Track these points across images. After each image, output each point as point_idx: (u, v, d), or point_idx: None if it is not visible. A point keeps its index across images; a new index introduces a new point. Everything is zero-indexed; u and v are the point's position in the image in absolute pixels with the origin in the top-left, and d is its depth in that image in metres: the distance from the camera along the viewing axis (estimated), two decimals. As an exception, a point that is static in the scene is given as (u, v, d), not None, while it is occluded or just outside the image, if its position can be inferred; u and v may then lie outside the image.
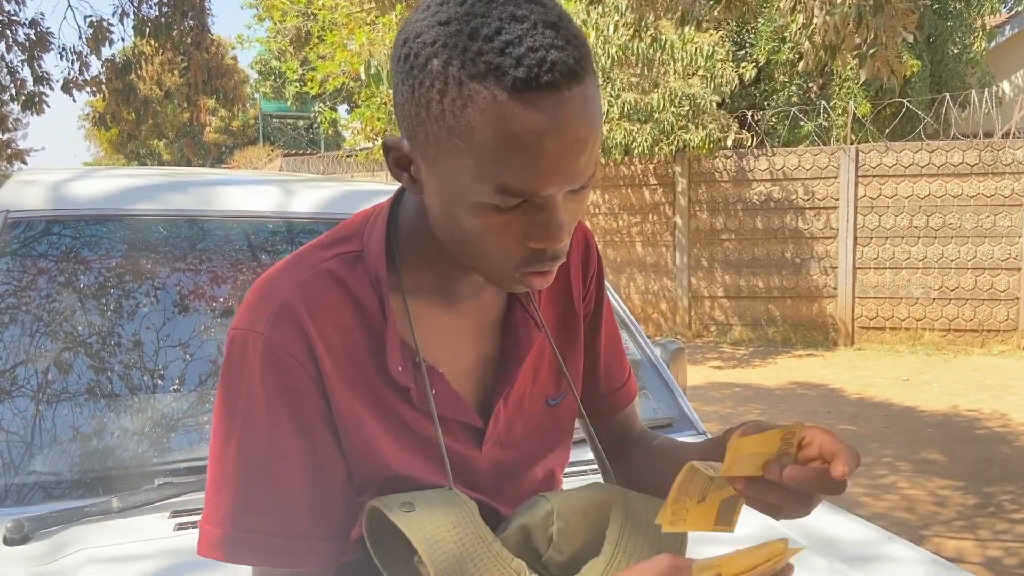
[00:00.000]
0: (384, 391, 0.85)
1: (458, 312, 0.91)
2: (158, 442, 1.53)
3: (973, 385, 7.43)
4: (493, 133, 0.69)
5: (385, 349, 0.84)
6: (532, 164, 0.71)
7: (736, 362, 8.84)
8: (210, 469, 0.83)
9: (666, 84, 9.47)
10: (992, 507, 4.47)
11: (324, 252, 0.87)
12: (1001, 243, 8.84)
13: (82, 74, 8.02)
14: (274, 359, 0.80)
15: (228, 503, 0.81)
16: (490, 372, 0.93)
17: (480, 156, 0.71)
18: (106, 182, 1.93)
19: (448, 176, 0.75)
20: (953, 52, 11.39)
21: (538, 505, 0.86)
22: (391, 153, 0.81)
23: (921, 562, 1.47)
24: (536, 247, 0.77)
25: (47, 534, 1.31)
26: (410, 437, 0.87)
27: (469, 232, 0.77)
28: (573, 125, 0.70)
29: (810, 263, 9.60)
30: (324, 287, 0.83)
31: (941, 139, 9.11)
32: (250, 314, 0.82)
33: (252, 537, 0.81)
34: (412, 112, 0.75)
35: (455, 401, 0.88)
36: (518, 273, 0.80)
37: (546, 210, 0.75)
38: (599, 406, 1.08)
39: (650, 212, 10.40)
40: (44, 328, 1.60)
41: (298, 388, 0.80)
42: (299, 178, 2.37)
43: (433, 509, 0.80)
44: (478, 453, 0.91)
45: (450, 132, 0.71)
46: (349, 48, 12.27)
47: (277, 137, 27.74)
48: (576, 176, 0.74)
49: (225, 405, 0.82)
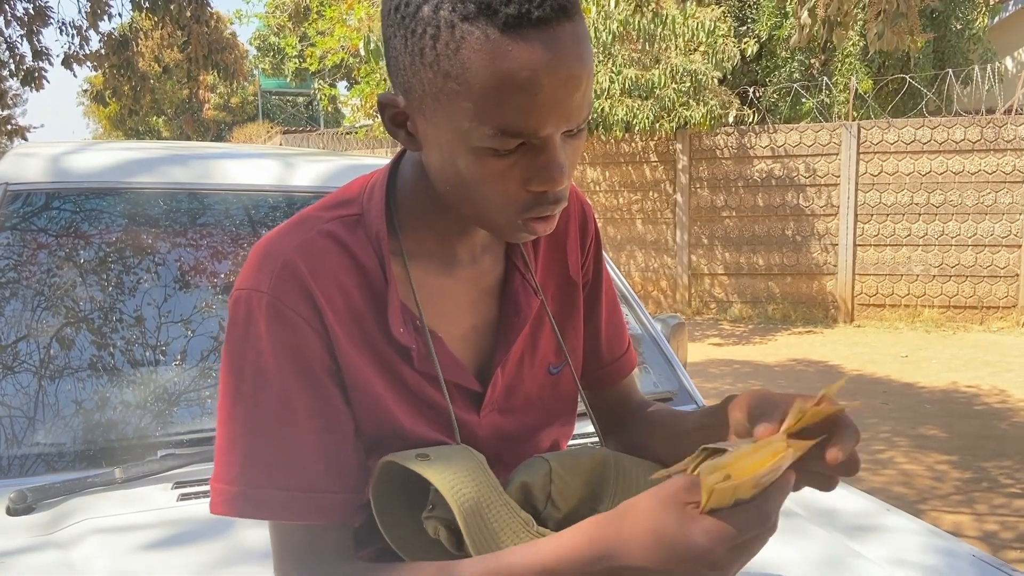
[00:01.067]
0: (386, 351, 0.86)
1: (456, 278, 0.92)
2: (161, 414, 1.54)
3: (972, 362, 7.45)
4: (488, 72, 0.70)
5: (386, 310, 0.84)
6: (529, 102, 0.71)
7: (736, 339, 8.86)
8: (220, 430, 0.83)
9: (667, 60, 9.41)
10: (989, 482, 4.50)
11: (324, 214, 0.87)
12: (1002, 220, 8.83)
13: (82, 48, 7.97)
14: (279, 316, 0.80)
15: (240, 460, 0.81)
16: (488, 339, 0.94)
17: (477, 98, 0.71)
18: (106, 155, 1.93)
19: (447, 124, 0.75)
20: (956, 28, 11.32)
21: (537, 464, 0.87)
22: (387, 110, 0.81)
23: (919, 533, 1.48)
24: (537, 190, 0.78)
25: (50, 504, 1.32)
26: (412, 398, 0.87)
27: (470, 180, 0.77)
28: (566, 61, 0.71)
29: (810, 240, 9.59)
30: (325, 247, 0.84)
31: (943, 115, 9.08)
32: (252, 275, 0.82)
33: (267, 492, 0.80)
34: (406, 63, 0.75)
35: (453, 364, 0.89)
36: (520, 220, 0.80)
37: (545, 152, 0.75)
38: (601, 375, 1.09)
39: (651, 189, 10.37)
40: (45, 301, 1.60)
41: (304, 344, 0.81)
42: (299, 152, 2.36)
43: (449, 459, 0.81)
44: (476, 418, 0.92)
45: (446, 77, 0.72)
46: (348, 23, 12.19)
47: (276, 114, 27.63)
48: (572, 115, 0.74)
49: (232, 365, 0.81)
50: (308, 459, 0.81)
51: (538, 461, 0.88)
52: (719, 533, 0.65)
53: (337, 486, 0.82)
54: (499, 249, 0.97)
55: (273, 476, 0.80)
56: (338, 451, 0.83)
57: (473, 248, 0.93)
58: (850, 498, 1.60)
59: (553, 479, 0.86)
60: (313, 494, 0.81)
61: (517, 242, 0.88)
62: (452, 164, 0.78)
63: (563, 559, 0.72)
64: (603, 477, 0.90)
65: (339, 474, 0.83)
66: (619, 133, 9.63)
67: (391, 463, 0.82)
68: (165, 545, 1.25)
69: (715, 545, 0.65)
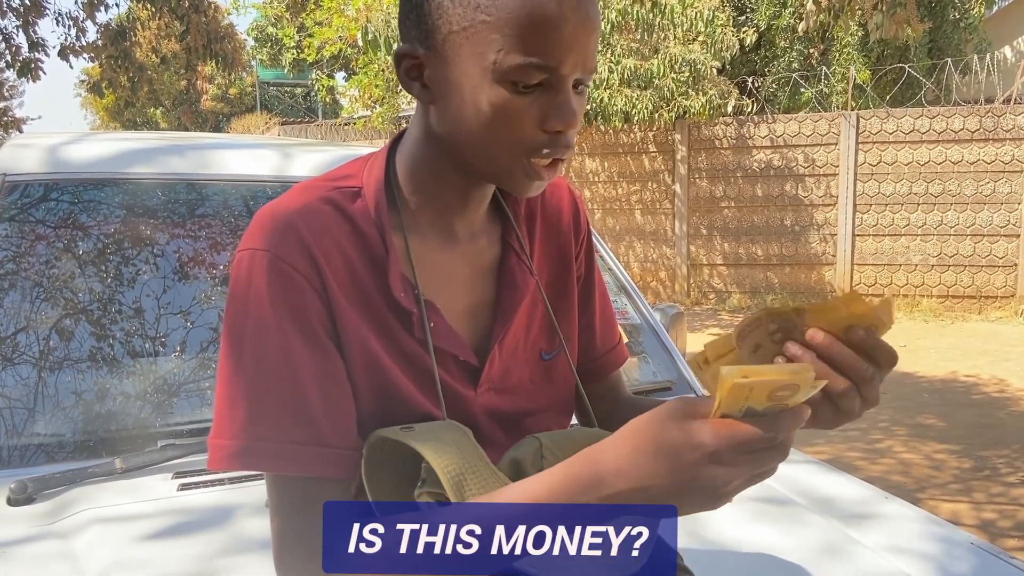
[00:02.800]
0: (386, 316, 0.87)
1: (454, 253, 0.93)
2: (160, 405, 1.54)
3: (970, 351, 7.46)
4: (519, 3, 0.77)
5: (385, 277, 0.86)
6: (555, 34, 0.77)
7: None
8: (221, 388, 0.82)
9: (666, 50, 9.38)
10: (987, 470, 4.51)
11: (325, 183, 0.89)
12: (1000, 210, 8.83)
13: (79, 40, 7.94)
14: (280, 273, 0.81)
15: (244, 416, 0.80)
16: (485, 316, 0.95)
17: (507, 28, 0.77)
18: (104, 146, 1.92)
19: (472, 60, 0.80)
20: (953, 17, 11.30)
21: (528, 442, 0.87)
22: (403, 61, 0.85)
23: (917, 520, 1.48)
24: (551, 130, 0.82)
25: (51, 495, 1.33)
26: (408, 365, 0.88)
27: (490, 118, 0.81)
28: (586, 4, 0.79)
29: (809, 230, 9.59)
30: (326, 211, 0.85)
31: (942, 105, 9.08)
32: (254, 236, 0.83)
33: (276, 446, 0.80)
34: (431, 8, 0.81)
35: (452, 336, 0.90)
36: (529, 161, 0.83)
37: (561, 93, 0.81)
38: (594, 367, 1.10)
39: (649, 180, 10.36)
40: (44, 292, 1.60)
41: (304, 301, 0.82)
42: (296, 142, 2.36)
43: (434, 430, 0.82)
44: (473, 393, 0.92)
45: (476, 9, 0.78)
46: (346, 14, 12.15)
47: (274, 105, 27.56)
48: (587, 60, 0.81)
49: (234, 323, 0.82)
50: (314, 413, 0.81)
51: (529, 439, 0.88)
52: (728, 432, 0.64)
53: (342, 441, 0.82)
54: (495, 230, 0.98)
55: (281, 430, 0.80)
56: (340, 406, 0.83)
57: (471, 225, 0.95)
58: (848, 486, 1.61)
59: (544, 454, 0.86)
60: (322, 448, 0.81)
61: (524, 194, 0.88)
62: (473, 103, 0.81)
63: (555, 487, 0.71)
64: None
65: (344, 429, 0.83)
66: (618, 123, 9.61)
67: (380, 439, 0.82)
68: (166, 535, 1.25)
69: (722, 445, 0.64)
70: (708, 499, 0.67)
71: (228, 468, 0.81)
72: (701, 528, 1.35)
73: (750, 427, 0.64)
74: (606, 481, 0.69)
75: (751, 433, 0.64)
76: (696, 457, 0.65)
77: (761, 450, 0.65)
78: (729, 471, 0.65)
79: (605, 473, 0.69)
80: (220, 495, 1.36)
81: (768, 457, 0.66)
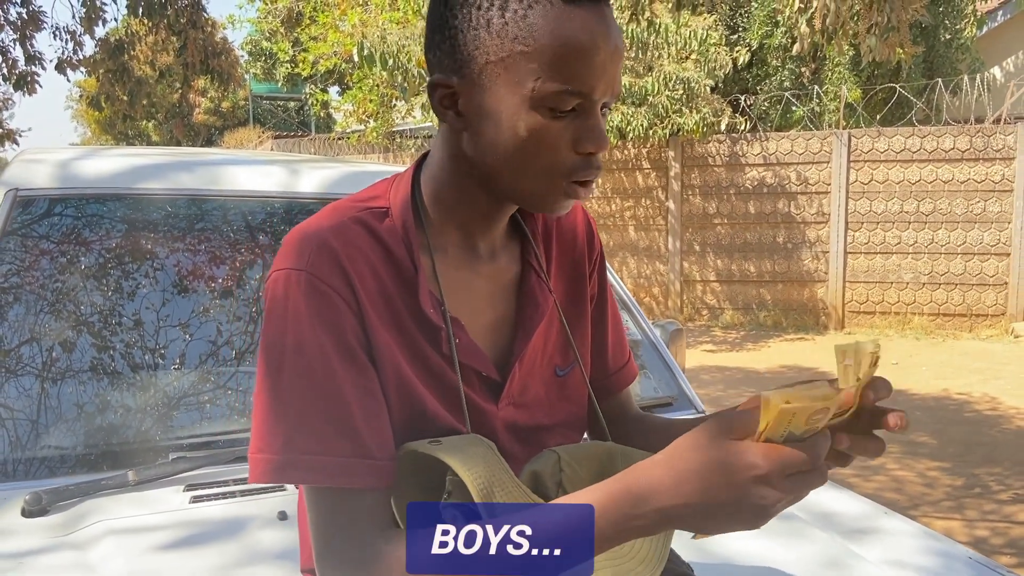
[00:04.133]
0: (414, 333, 0.89)
1: (477, 272, 0.96)
2: (173, 418, 1.56)
3: (962, 369, 7.51)
4: (555, 35, 0.81)
5: (415, 294, 0.89)
6: (588, 63, 0.82)
7: (728, 346, 8.90)
8: (261, 404, 0.84)
9: (660, 68, 9.46)
10: (979, 488, 4.54)
11: (354, 204, 0.92)
12: (991, 228, 8.91)
13: (76, 54, 7.96)
14: (317, 291, 0.83)
15: (286, 430, 0.82)
16: (506, 333, 0.98)
17: (544, 57, 0.81)
18: (113, 161, 1.94)
19: (509, 89, 0.83)
20: (945, 38, 11.42)
21: (546, 455, 0.90)
22: (437, 91, 0.88)
23: (915, 535, 1.51)
24: (584, 152, 0.86)
25: (65, 506, 1.34)
26: (434, 381, 0.91)
27: (526, 142, 0.84)
28: (613, 34, 0.84)
29: (802, 248, 9.65)
30: (357, 233, 0.88)
31: (932, 124, 9.16)
32: (289, 256, 0.85)
33: (321, 459, 0.81)
34: (467, 39, 0.84)
35: (476, 351, 0.93)
36: (565, 182, 0.87)
37: (592, 117, 0.85)
38: (606, 384, 1.12)
39: (643, 196, 10.42)
40: (54, 306, 1.61)
41: (340, 319, 0.84)
42: (304, 159, 2.39)
43: (460, 444, 0.84)
44: (495, 408, 0.95)
45: (514, 40, 0.82)
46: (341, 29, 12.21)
47: (267, 119, 27.54)
48: (615, 85, 0.85)
49: (272, 341, 0.84)
50: (357, 426, 0.83)
51: (547, 452, 0.91)
52: (776, 455, 0.68)
53: (384, 452, 0.84)
54: (515, 248, 1.01)
55: (325, 443, 0.82)
56: (379, 419, 0.85)
57: (493, 244, 0.98)
58: (849, 501, 1.63)
59: (563, 467, 0.89)
60: (367, 460, 0.83)
61: (556, 213, 0.92)
62: (511, 128, 0.84)
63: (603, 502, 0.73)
64: (611, 466, 0.93)
65: (384, 440, 0.85)
66: (613, 140, 9.67)
67: (408, 452, 0.85)
68: (179, 546, 1.27)
69: (772, 467, 0.68)
70: (754, 518, 0.71)
71: (273, 481, 0.83)
72: (705, 541, 1.36)
73: (797, 452, 0.68)
74: (655, 496, 0.71)
75: (798, 457, 0.68)
76: (748, 477, 0.68)
77: (804, 474, 0.69)
78: (775, 493, 0.69)
79: (653, 490, 0.72)
80: (231, 507, 1.37)
81: (808, 481, 0.70)
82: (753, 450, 0.68)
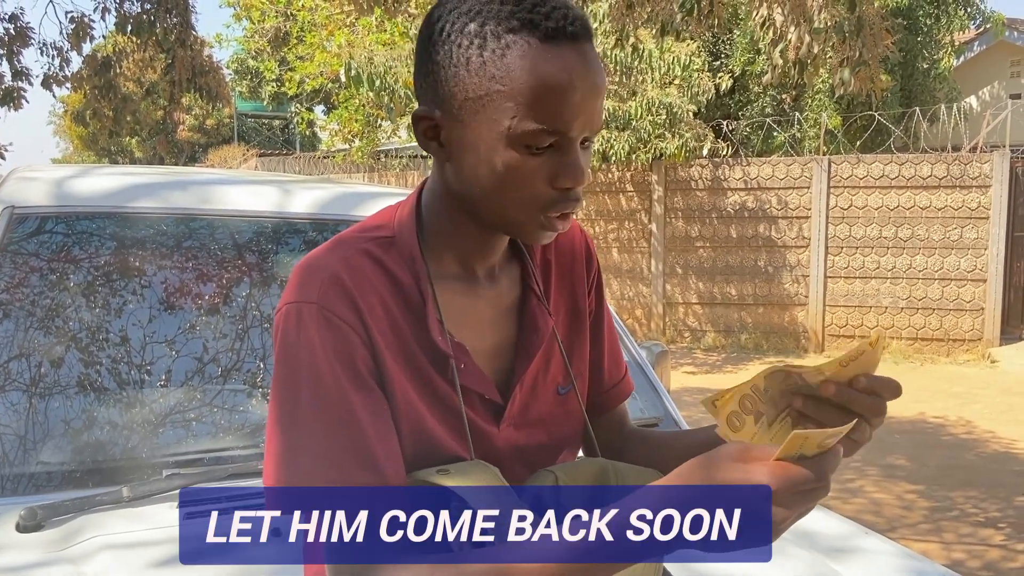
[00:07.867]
0: (421, 362, 0.92)
1: (478, 297, 0.99)
2: (167, 435, 1.57)
3: (939, 393, 7.59)
4: (532, 74, 0.82)
5: (423, 322, 0.91)
6: (564, 102, 0.83)
7: (709, 368, 8.96)
8: (277, 436, 0.85)
9: (644, 93, 9.58)
10: (956, 511, 4.60)
11: (360, 235, 0.94)
12: (967, 255, 9.04)
13: (62, 70, 7.96)
14: (329, 323, 0.85)
15: (305, 461, 0.83)
16: (507, 356, 1.00)
17: (520, 96, 0.83)
18: (109, 180, 1.96)
19: (487, 125, 0.85)
20: (922, 67, 11.63)
21: (543, 475, 0.94)
22: (420, 123, 0.90)
23: (895, 555, 1.55)
24: (561, 187, 0.88)
25: (59, 522, 1.35)
26: (439, 407, 0.93)
27: (503, 177, 0.86)
28: (592, 72, 0.85)
29: (782, 272, 9.76)
30: (364, 263, 0.90)
31: (910, 152, 9.31)
32: (299, 288, 0.87)
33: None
34: (447, 76, 0.86)
35: (480, 376, 0.96)
36: (544, 216, 0.89)
37: (570, 153, 0.87)
38: (602, 400, 1.15)
39: (626, 219, 10.50)
40: (46, 323, 1.63)
41: (353, 350, 0.86)
42: (297, 179, 2.42)
43: (466, 471, 0.87)
44: (496, 429, 0.97)
45: (491, 79, 0.83)
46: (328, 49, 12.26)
47: (252, 137, 27.53)
48: (594, 121, 0.87)
49: (287, 376, 0.85)
50: (375, 455, 0.85)
51: (543, 472, 0.94)
52: (784, 473, 0.69)
53: (400, 479, 0.86)
54: (515, 271, 1.04)
55: (346, 472, 0.83)
56: (394, 448, 0.87)
57: (491, 269, 1.00)
58: (829, 521, 1.67)
59: (560, 485, 0.92)
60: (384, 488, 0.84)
61: (536, 243, 0.95)
62: (488, 163, 0.86)
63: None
64: (605, 483, 0.96)
65: (400, 468, 0.87)
66: (596, 163, 9.76)
67: (414, 479, 0.87)
68: (174, 562, 1.28)
69: (781, 485, 0.69)
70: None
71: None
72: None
73: (805, 469, 0.70)
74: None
75: (806, 475, 0.70)
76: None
77: (811, 490, 0.71)
78: (783, 511, 0.70)
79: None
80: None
81: (814, 496, 0.72)
82: (762, 469, 0.70)
